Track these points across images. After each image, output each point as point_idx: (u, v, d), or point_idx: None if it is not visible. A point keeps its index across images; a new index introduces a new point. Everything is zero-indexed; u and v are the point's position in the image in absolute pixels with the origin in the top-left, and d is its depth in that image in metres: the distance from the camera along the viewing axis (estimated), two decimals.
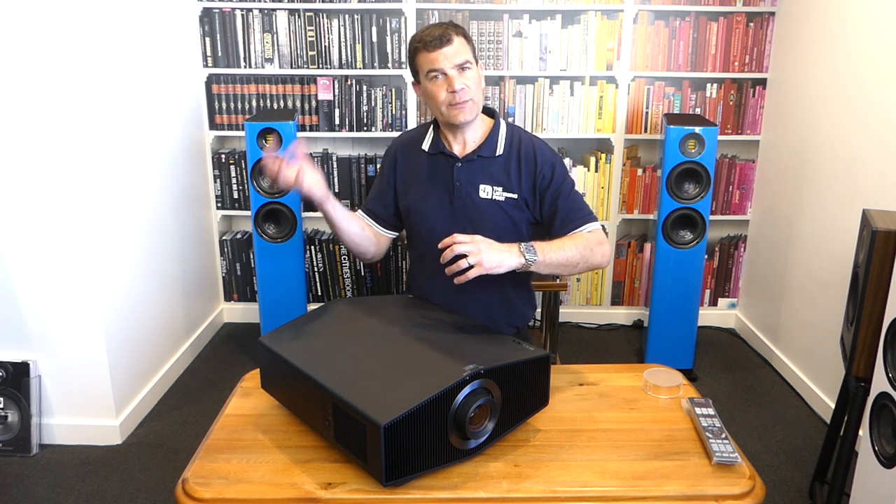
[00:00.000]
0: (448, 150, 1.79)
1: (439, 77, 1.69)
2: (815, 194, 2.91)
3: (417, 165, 1.83)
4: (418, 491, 1.20)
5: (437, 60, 1.68)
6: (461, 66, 1.69)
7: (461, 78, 1.68)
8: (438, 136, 1.82)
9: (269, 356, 1.40)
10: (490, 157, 1.78)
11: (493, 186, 1.77)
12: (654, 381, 1.53)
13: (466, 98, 1.69)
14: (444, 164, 1.80)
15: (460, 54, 1.69)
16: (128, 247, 2.71)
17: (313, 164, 1.67)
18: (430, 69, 1.69)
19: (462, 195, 1.77)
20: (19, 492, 2.34)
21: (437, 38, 1.67)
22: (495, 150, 1.78)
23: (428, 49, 1.68)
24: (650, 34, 3.32)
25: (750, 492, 1.22)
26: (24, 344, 2.51)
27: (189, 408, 2.87)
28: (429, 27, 1.71)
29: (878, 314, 1.79)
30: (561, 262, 1.63)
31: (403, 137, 1.91)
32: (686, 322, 3.10)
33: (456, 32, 1.69)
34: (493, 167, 1.78)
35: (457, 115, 1.71)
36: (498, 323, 1.86)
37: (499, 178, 1.77)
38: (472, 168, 1.78)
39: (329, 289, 3.62)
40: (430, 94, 1.72)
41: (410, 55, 1.74)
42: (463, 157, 1.78)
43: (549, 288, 2.81)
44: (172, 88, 3.11)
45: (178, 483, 1.25)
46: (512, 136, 1.81)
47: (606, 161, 3.44)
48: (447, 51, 1.67)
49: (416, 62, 1.73)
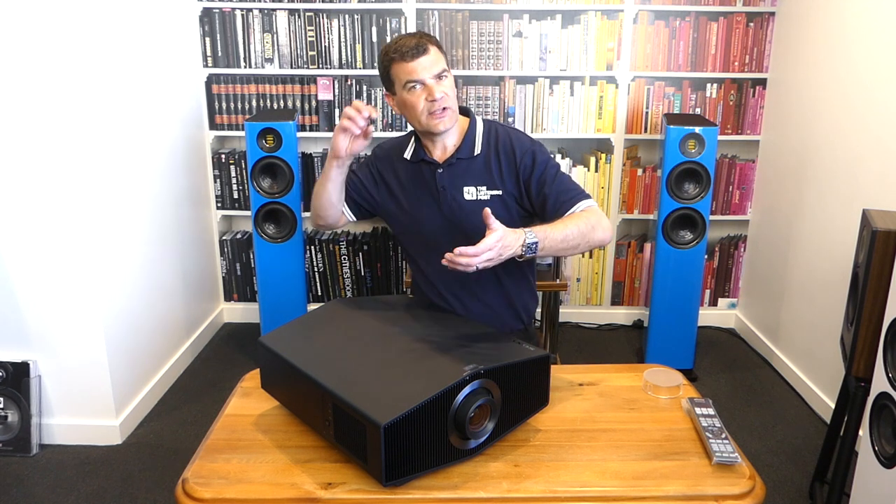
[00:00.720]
0: (429, 157, 1.79)
1: (417, 87, 1.68)
2: (815, 194, 2.91)
3: (400, 175, 1.83)
4: (418, 491, 1.20)
5: (415, 71, 1.67)
6: (438, 75, 1.69)
7: (440, 86, 1.68)
8: (419, 146, 1.81)
9: (269, 356, 1.40)
10: (469, 158, 1.77)
11: (476, 187, 1.76)
12: (654, 381, 1.53)
13: (446, 105, 1.70)
14: (425, 171, 1.80)
15: (437, 63, 1.68)
16: (128, 247, 2.71)
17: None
18: (408, 80, 1.68)
19: (448, 200, 1.77)
20: (19, 492, 2.34)
21: (413, 48, 1.66)
22: (473, 149, 1.78)
23: (405, 59, 1.67)
24: (650, 34, 3.32)
25: (750, 492, 1.22)
26: (24, 344, 2.51)
27: (189, 408, 2.87)
28: (402, 37, 1.70)
29: (878, 314, 1.79)
30: (561, 244, 1.60)
31: (384, 148, 1.90)
32: (686, 322, 3.10)
33: (430, 42, 1.69)
34: (474, 167, 1.77)
35: (437, 124, 1.71)
36: (504, 320, 1.86)
37: (481, 177, 1.77)
38: (454, 171, 1.77)
39: (329, 289, 3.63)
40: (409, 104, 1.71)
41: (385, 66, 1.72)
42: (443, 161, 1.78)
43: (549, 288, 2.80)
44: (172, 88, 3.11)
45: (178, 483, 1.25)
46: (489, 132, 1.80)
47: (606, 161, 3.44)
48: (424, 61, 1.67)
49: (391, 73, 1.72)
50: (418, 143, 1.82)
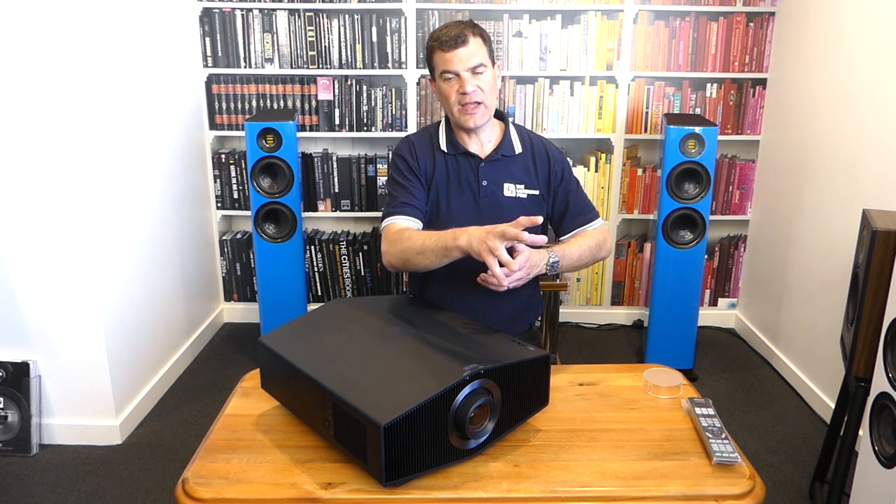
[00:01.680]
0: (470, 151, 1.79)
1: (452, 78, 1.70)
2: (815, 194, 2.91)
3: (436, 166, 1.80)
4: (418, 491, 1.20)
5: (450, 61, 1.68)
6: (474, 68, 1.69)
7: (473, 80, 1.69)
8: (454, 136, 1.80)
9: (269, 356, 1.40)
10: (511, 156, 1.80)
11: (515, 185, 1.79)
12: (654, 381, 1.53)
13: (477, 100, 1.70)
14: (466, 164, 1.79)
15: (475, 57, 1.68)
16: (128, 247, 2.71)
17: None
18: (444, 69, 1.70)
19: (488, 195, 1.77)
20: (19, 492, 2.34)
21: (452, 39, 1.67)
22: (514, 148, 1.81)
23: (443, 49, 1.68)
24: (650, 34, 3.32)
25: (750, 492, 1.22)
26: (24, 344, 2.51)
27: (189, 408, 2.87)
28: (447, 25, 1.71)
29: (878, 314, 1.79)
30: (576, 262, 1.75)
31: (416, 137, 1.85)
32: (686, 322, 3.09)
33: (473, 33, 1.69)
34: (514, 165, 1.80)
35: (467, 119, 1.72)
36: (514, 322, 1.87)
37: (521, 176, 1.79)
38: (496, 167, 1.78)
39: (329, 289, 3.62)
40: (443, 93, 1.73)
41: (427, 52, 1.75)
42: (486, 156, 1.79)
43: (550, 288, 2.80)
44: (172, 88, 3.11)
45: (178, 483, 1.25)
46: (522, 134, 1.84)
47: (606, 161, 3.44)
48: (461, 52, 1.67)
49: (432, 60, 1.73)
50: (451, 133, 1.80)
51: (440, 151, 1.80)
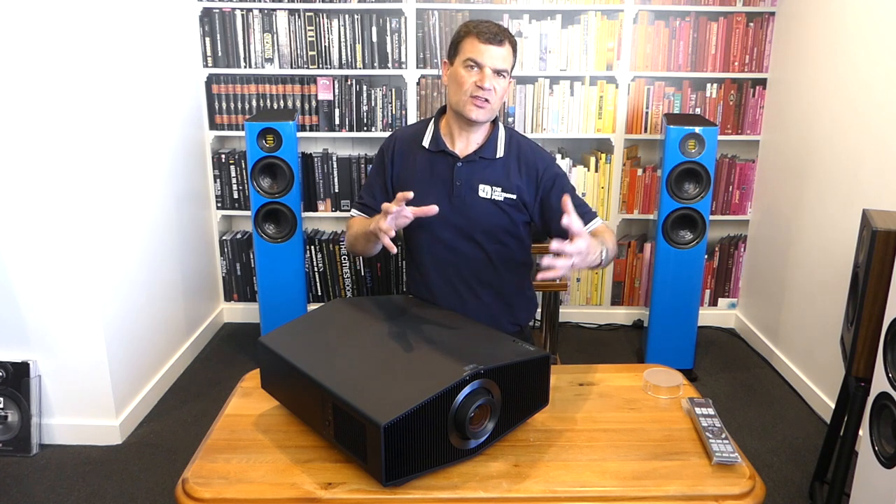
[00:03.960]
0: (449, 150, 1.81)
1: (474, 68, 1.71)
2: (815, 194, 2.91)
3: (415, 162, 1.84)
4: (418, 491, 1.20)
5: (482, 53, 1.70)
6: (499, 71, 1.72)
7: (493, 80, 1.71)
8: (439, 133, 1.82)
9: (269, 356, 1.40)
10: (490, 159, 1.80)
11: (491, 187, 1.79)
12: (654, 381, 1.53)
13: (489, 98, 1.71)
14: (443, 162, 1.81)
15: (504, 61, 1.72)
16: (128, 247, 2.71)
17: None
18: (471, 57, 1.71)
19: (461, 194, 1.79)
20: (19, 492, 2.34)
21: (492, 34, 1.70)
22: (496, 152, 1.81)
23: (479, 38, 1.70)
24: (650, 34, 3.32)
25: (750, 492, 1.22)
26: (24, 344, 2.51)
27: (189, 408, 2.87)
28: (488, 21, 1.75)
29: (878, 314, 1.79)
30: (611, 256, 1.70)
31: (402, 133, 1.91)
32: (686, 322, 3.10)
33: (510, 41, 1.74)
34: (494, 168, 1.80)
35: (471, 110, 1.73)
36: (499, 321, 1.86)
37: (498, 179, 1.80)
38: (473, 168, 1.80)
39: (329, 289, 3.62)
40: (458, 79, 1.73)
41: (459, 35, 1.76)
42: (464, 157, 1.80)
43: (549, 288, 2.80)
44: (172, 88, 3.11)
45: (178, 483, 1.25)
46: (510, 139, 1.84)
47: (606, 161, 3.44)
48: (495, 50, 1.71)
49: (460, 43, 1.74)
50: (437, 131, 1.83)
51: (421, 147, 1.84)
